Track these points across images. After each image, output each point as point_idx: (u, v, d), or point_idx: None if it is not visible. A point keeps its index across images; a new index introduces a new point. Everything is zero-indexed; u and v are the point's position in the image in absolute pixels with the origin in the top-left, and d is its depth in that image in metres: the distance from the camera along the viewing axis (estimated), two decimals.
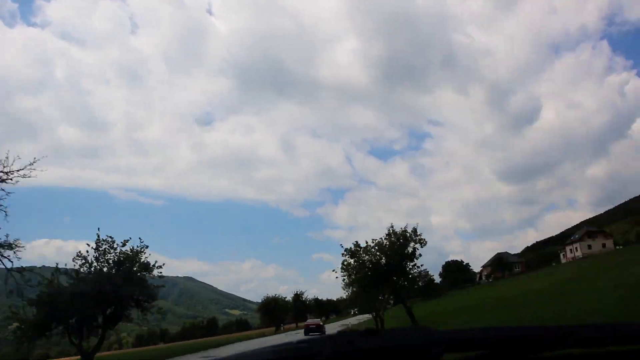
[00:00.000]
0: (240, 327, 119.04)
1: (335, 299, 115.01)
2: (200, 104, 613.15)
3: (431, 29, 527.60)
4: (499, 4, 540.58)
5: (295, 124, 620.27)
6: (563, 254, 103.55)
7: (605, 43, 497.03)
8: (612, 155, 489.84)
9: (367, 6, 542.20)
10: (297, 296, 73.33)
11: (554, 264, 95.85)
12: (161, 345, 74.07)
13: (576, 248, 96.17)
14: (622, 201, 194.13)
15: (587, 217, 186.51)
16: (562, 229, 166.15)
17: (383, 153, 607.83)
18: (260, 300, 69.55)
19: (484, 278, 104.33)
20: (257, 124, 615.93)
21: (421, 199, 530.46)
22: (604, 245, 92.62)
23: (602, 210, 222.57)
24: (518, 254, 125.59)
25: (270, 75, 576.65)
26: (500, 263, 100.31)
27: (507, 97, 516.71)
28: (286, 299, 69.78)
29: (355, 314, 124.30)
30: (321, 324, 43.17)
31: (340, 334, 1.14)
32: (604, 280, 26.41)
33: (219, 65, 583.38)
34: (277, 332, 59.14)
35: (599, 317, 12.83)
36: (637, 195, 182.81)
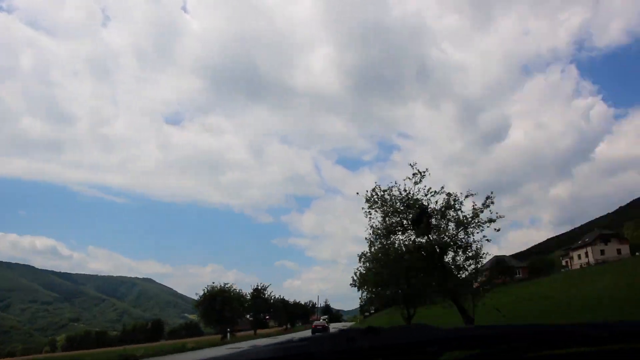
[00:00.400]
0: (189, 332, 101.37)
1: (303, 303, 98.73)
2: (170, 102, 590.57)
3: (407, 42, 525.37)
4: (474, 22, 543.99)
5: (265, 129, 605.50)
6: (566, 261, 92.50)
7: (573, 67, 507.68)
8: (575, 177, 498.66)
9: (343, 14, 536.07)
10: (258, 291, 54.56)
11: (563, 270, 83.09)
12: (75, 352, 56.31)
13: (586, 253, 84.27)
14: (583, 222, 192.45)
15: (549, 237, 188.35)
16: (524, 247, 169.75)
17: (352, 163, 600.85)
18: None
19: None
20: (227, 127, 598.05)
21: None
22: (618, 251, 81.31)
23: (563, 230, 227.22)
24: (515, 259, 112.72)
25: (243, 78, 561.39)
26: (500, 268, 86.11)
27: (477, 115, 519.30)
28: (240, 291, 49.37)
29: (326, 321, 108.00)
30: (326, 325, 46.91)
31: (340, 332, 1.10)
32: None
33: (192, 64, 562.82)
34: (223, 341, 41.50)
35: None
36: (597, 217, 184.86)
